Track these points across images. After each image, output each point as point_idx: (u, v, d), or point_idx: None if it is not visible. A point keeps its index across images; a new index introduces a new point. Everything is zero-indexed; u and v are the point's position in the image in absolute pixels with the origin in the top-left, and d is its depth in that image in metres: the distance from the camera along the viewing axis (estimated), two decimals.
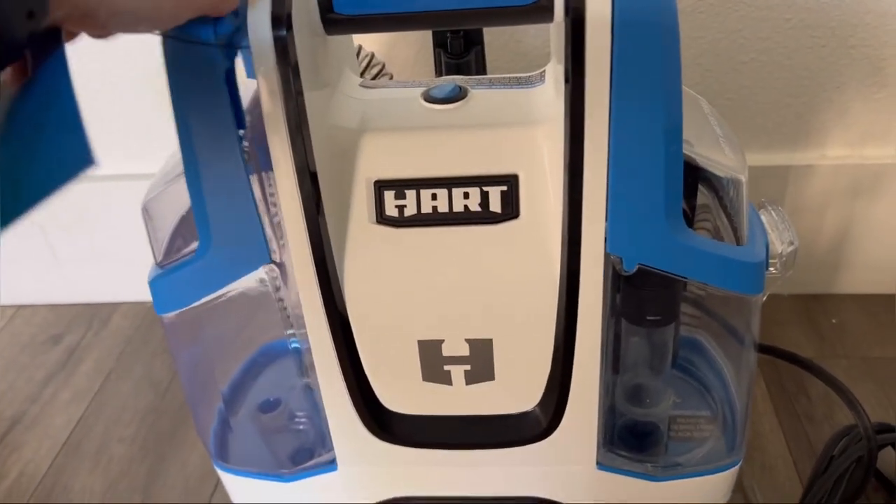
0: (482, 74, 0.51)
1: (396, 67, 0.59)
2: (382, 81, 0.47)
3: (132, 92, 0.70)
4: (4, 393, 0.70)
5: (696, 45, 0.63)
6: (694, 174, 0.39)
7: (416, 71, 0.64)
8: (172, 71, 0.34)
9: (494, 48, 0.62)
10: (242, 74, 0.35)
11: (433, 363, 0.41)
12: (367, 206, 0.38)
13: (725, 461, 0.47)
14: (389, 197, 0.38)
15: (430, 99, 0.39)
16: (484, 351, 0.40)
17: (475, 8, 0.36)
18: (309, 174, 0.35)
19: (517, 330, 0.40)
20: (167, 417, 0.66)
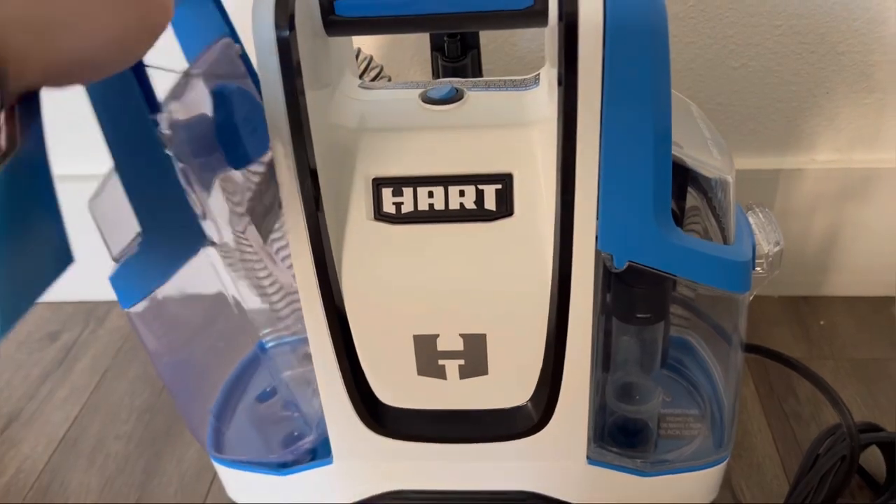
0: (478, 77, 0.52)
1: (393, 70, 0.60)
2: (381, 83, 0.48)
3: None
4: (1, 390, 0.70)
5: (688, 50, 0.64)
6: (683, 175, 0.40)
7: (412, 73, 0.65)
8: None
9: (490, 51, 0.63)
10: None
11: (428, 358, 0.42)
12: (365, 203, 0.39)
13: (713, 458, 0.48)
14: (387, 194, 0.39)
15: (427, 100, 0.40)
16: (478, 346, 0.41)
17: (472, 11, 0.37)
18: (309, 172, 0.36)
19: (510, 325, 0.40)
20: (163, 415, 0.66)
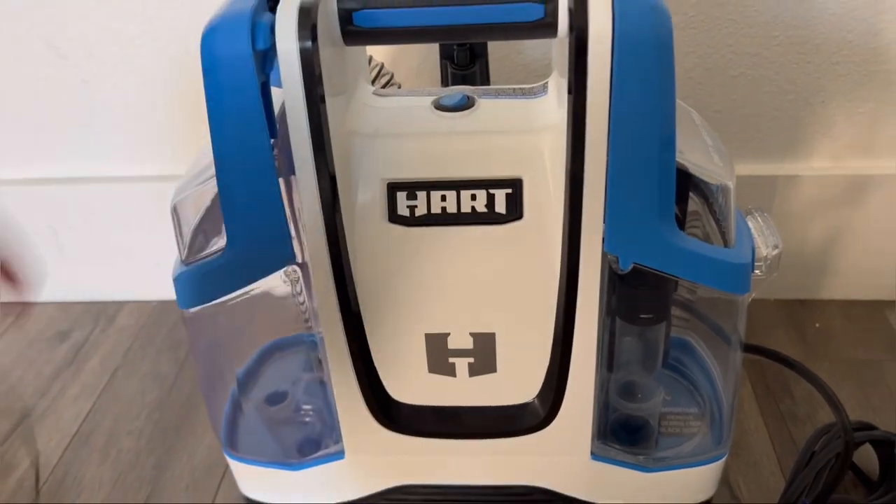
0: (486, 84, 0.53)
1: (402, 76, 0.62)
2: (395, 90, 0.50)
3: (137, 101, 0.72)
4: (14, 387, 0.72)
5: (688, 59, 0.66)
6: (686, 181, 0.42)
7: (420, 80, 0.67)
8: (211, 84, 0.36)
9: (497, 59, 0.65)
10: None
11: (439, 356, 0.43)
12: (380, 205, 0.40)
13: (712, 454, 0.50)
14: (401, 198, 0.40)
15: (440, 107, 0.42)
16: (487, 344, 0.43)
17: (484, 23, 0.38)
18: (328, 175, 0.38)
19: (519, 324, 0.42)
20: (173, 412, 0.68)
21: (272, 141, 0.37)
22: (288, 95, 0.36)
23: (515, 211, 0.40)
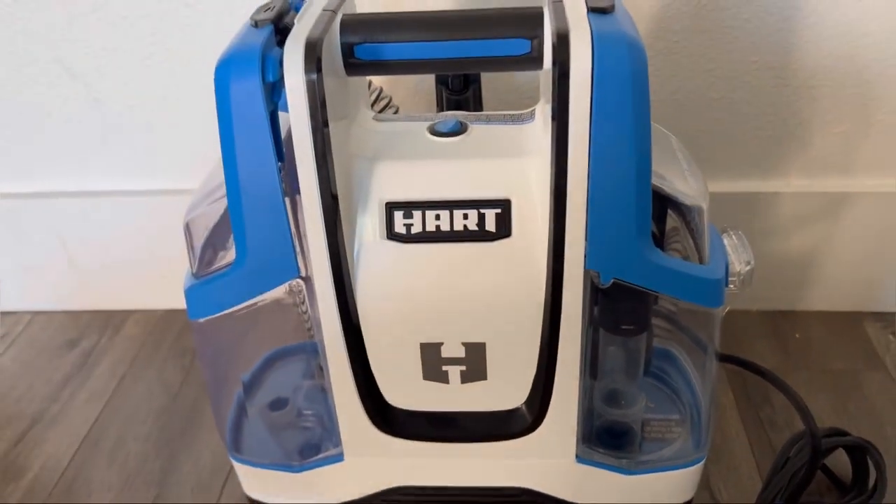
0: (479, 108, 0.56)
1: (400, 99, 0.65)
2: (393, 115, 0.53)
3: (146, 119, 0.75)
4: (24, 393, 0.74)
5: (671, 82, 0.69)
6: (662, 202, 0.45)
7: (415, 102, 0.69)
8: (223, 112, 0.39)
9: (489, 81, 0.68)
10: None
11: (433, 364, 0.46)
12: (378, 224, 0.43)
13: (692, 457, 0.52)
14: (398, 216, 0.43)
15: (434, 132, 0.45)
16: (478, 353, 0.45)
17: (476, 56, 0.41)
18: (331, 195, 0.41)
19: (508, 334, 0.45)
20: (179, 417, 0.70)
21: (279, 164, 0.40)
22: (294, 122, 0.39)
23: (504, 229, 0.43)
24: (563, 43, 0.38)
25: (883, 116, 0.69)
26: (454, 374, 0.46)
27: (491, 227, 0.43)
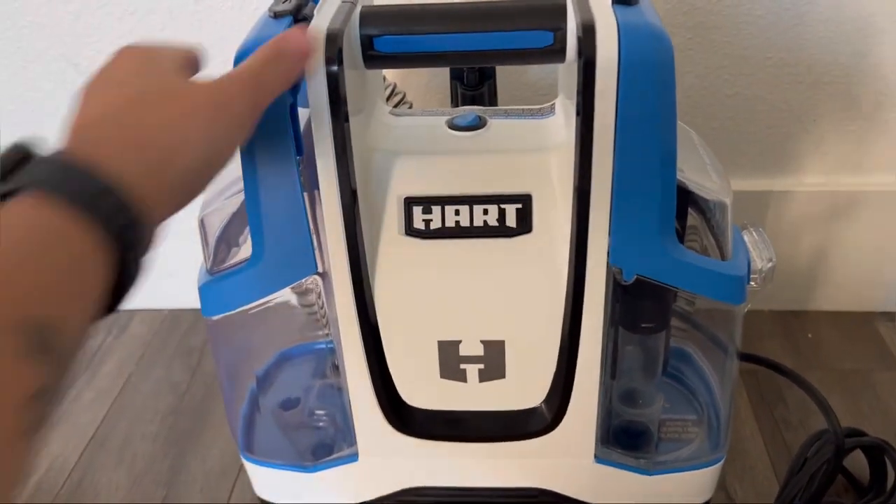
0: (494, 104, 0.56)
1: (413, 95, 0.64)
2: (410, 110, 0.52)
3: None
4: None
5: (685, 79, 0.69)
6: (685, 197, 0.44)
7: (429, 98, 0.69)
8: None
9: (503, 77, 0.67)
10: None
11: (450, 362, 0.45)
12: (397, 219, 0.43)
13: (710, 458, 0.52)
14: (417, 212, 0.42)
15: (453, 126, 0.44)
16: (497, 351, 0.44)
17: (496, 49, 0.41)
18: (350, 190, 0.40)
19: (527, 332, 0.44)
20: (186, 417, 0.69)
21: (298, 158, 0.39)
22: (315, 115, 0.39)
23: (525, 225, 0.42)
24: (588, 34, 0.37)
25: None
26: (472, 372, 0.45)
27: (511, 222, 0.42)
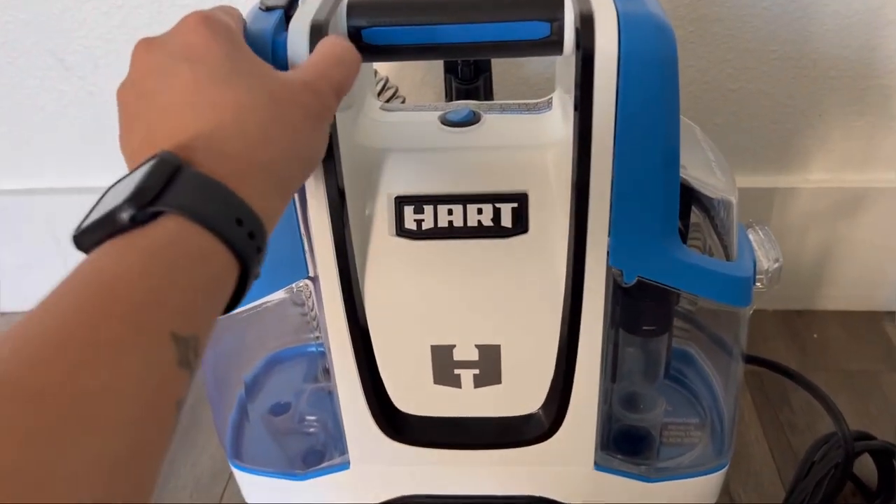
0: (489, 99, 0.54)
1: (406, 89, 0.63)
2: (401, 105, 0.50)
3: None
4: None
5: (687, 73, 0.67)
6: (688, 195, 0.42)
7: (422, 93, 0.67)
8: None
9: (498, 72, 0.66)
10: None
11: (444, 367, 0.44)
12: (387, 219, 0.41)
13: (714, 464, 0.50)
14: (409, 212, 0.41)
15: (446, 122, 0.43)
16: (492, 356, 0.43)
17: (490, 41, 0.39)
18: (337, 189, 0.38)
19: (524, 336, 0.42)
20: None
21: None
22: None
23: (521, 225, 0.41)
24: (587, 25, 0.35)
25: None
26: (467, 377, 0.44)
27: (507, 222, 0.41)
